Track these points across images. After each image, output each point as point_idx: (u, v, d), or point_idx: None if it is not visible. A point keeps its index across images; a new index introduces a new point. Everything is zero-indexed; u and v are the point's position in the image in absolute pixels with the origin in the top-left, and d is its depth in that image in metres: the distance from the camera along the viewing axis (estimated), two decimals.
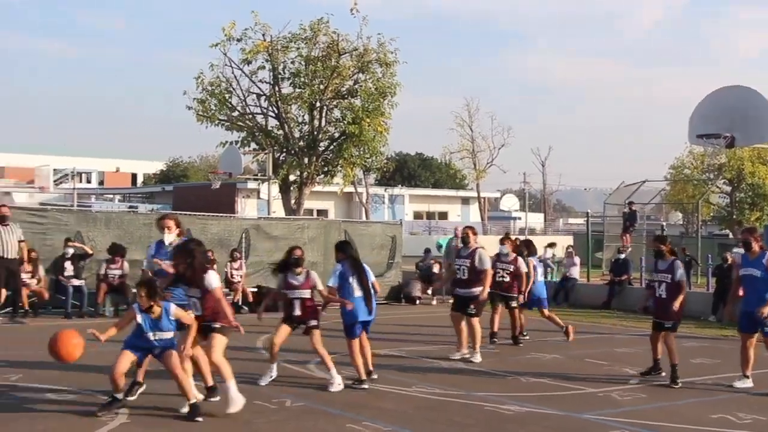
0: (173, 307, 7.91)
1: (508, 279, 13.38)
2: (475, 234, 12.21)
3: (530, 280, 13.68)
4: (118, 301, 16.64)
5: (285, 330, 9.87)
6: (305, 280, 9.93)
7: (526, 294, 13.69)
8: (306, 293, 9.89)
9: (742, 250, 10.55)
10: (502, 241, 13.81)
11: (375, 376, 10.00)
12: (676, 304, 10.05)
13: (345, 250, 10.14)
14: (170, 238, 9.08)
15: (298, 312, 9.81)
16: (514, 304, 13.49)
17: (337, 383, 9.50)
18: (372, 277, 10.11)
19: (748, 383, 10.03)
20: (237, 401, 8.02)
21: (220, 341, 8.11)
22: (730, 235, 47.58)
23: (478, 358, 11.64)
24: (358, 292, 9.75)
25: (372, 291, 9.95)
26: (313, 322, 9.87)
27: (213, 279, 8.16)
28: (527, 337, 14.08)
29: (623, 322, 17.62)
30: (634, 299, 20.18)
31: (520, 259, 13.53)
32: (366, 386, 9.55)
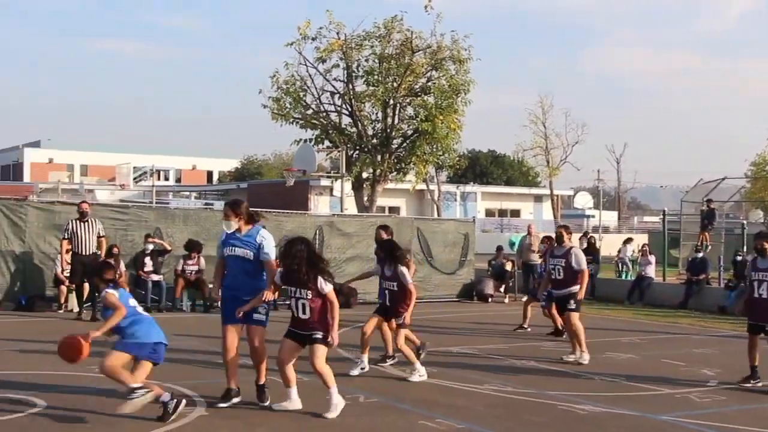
0: (105, 294, 7.51)
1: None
2: (569, 233, 12.07)
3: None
4: (195, 296, 17.01)
5: (376, 320, 10.29)
6: (392, 273, 10.16)
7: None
8: (394, 285, 10.09)
9: None
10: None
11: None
12: None
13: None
14: (232, 226, 8.51)
15: (387, 304, 10.19)
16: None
17: (419, 375, 9.79)
18: None
19: None
20: (339, 406, 7.88)
21: (323, 350, 7.85)
22: None
23: (586, 358, 11.30)
24: None
25: None
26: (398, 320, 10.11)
27: (325, 282, 7.78)
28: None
29: (701, 322, 17.25)
30: (712, 299, 19.76)
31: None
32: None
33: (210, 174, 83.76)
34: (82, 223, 14.76)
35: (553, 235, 12.79)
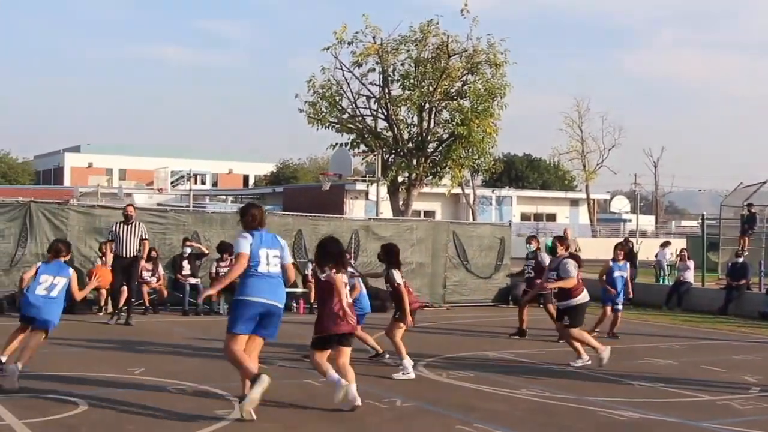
0: None
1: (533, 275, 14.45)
2: (563, 244, 12.01)
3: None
4: (230, 298, 17.12)
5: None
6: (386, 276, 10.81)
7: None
8: (388, 287, 10.90)
9: None
10: (529, 240, 15.19)
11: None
12: None
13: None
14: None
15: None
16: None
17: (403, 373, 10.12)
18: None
19: None
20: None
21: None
22: None
23: (604, 355, 11.28)
24: None
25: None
26: None
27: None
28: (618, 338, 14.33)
29: (741, 328, 17.01)
30: (752, 305, 19.48)
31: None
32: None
33: (246, 178, 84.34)
34: (126, 226, 14.93)
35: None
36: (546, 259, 13.83)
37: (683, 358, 12.56)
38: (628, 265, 15.02)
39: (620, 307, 14.61)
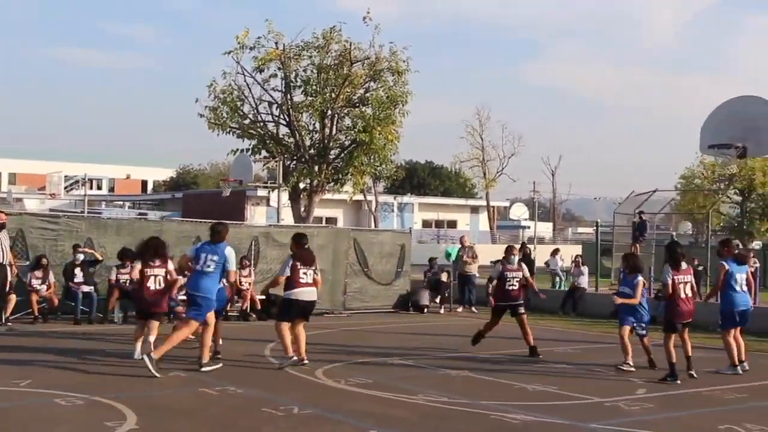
0: None
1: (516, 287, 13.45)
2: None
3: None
4: (127, 307, 16.72)
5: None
6: None
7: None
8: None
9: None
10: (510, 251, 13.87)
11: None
12: None
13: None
14: None
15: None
16: (521, 310, 13.50)
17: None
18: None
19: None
20: None
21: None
22: (740, 246, 47.41)
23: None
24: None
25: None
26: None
27: None
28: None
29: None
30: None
31: (524, 266, 13.69)
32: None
33: (144, 183, 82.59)
34: (1, 234, 14.51)
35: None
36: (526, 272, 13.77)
37: (576, 361, 12.89)
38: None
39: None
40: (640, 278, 11.90)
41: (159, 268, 11.59)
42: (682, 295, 11.25)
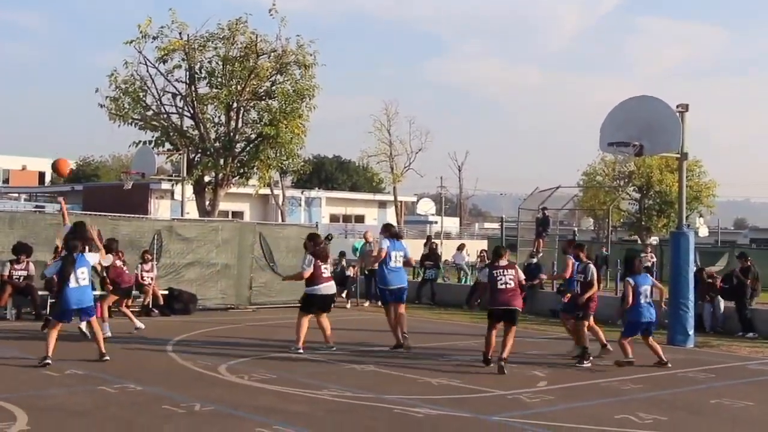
0: None
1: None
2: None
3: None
4: (21, 303, 16.13)
5: None
6: None
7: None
8: None
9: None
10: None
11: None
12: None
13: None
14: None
15: None
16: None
17: None
18: None
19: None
20: None
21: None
22: (639, 241, 49.01)
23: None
24: None
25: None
26: None
27: None
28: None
29: (534, 325, 17.92)
30: (545, 303, 20.56)
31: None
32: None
33: (42, 175, 79.84)
34: None
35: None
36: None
37: (479, 354, 13.03)
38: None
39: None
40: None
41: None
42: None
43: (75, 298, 10.81)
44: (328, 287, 13.01)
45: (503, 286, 11.42)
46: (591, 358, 12.15)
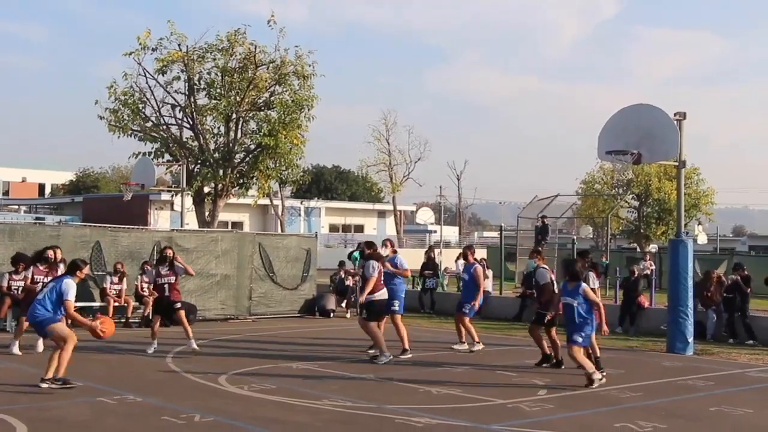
0: None
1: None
2: (370, 248, 13.45)
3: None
4: (19, 314, 16.10)
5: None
6: None
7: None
8: None
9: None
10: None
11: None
12: None
13: None
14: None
15: None
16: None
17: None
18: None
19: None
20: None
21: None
22: (638, 249, 49.03)
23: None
24: None
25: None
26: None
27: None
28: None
29: None
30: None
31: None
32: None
33: (42, 187, 79.87)
34: None
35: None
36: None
37: (479, 363, 13.06)
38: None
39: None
40: (583, 285, 11.25)
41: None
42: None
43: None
44: (384, 293, 13.12)
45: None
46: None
